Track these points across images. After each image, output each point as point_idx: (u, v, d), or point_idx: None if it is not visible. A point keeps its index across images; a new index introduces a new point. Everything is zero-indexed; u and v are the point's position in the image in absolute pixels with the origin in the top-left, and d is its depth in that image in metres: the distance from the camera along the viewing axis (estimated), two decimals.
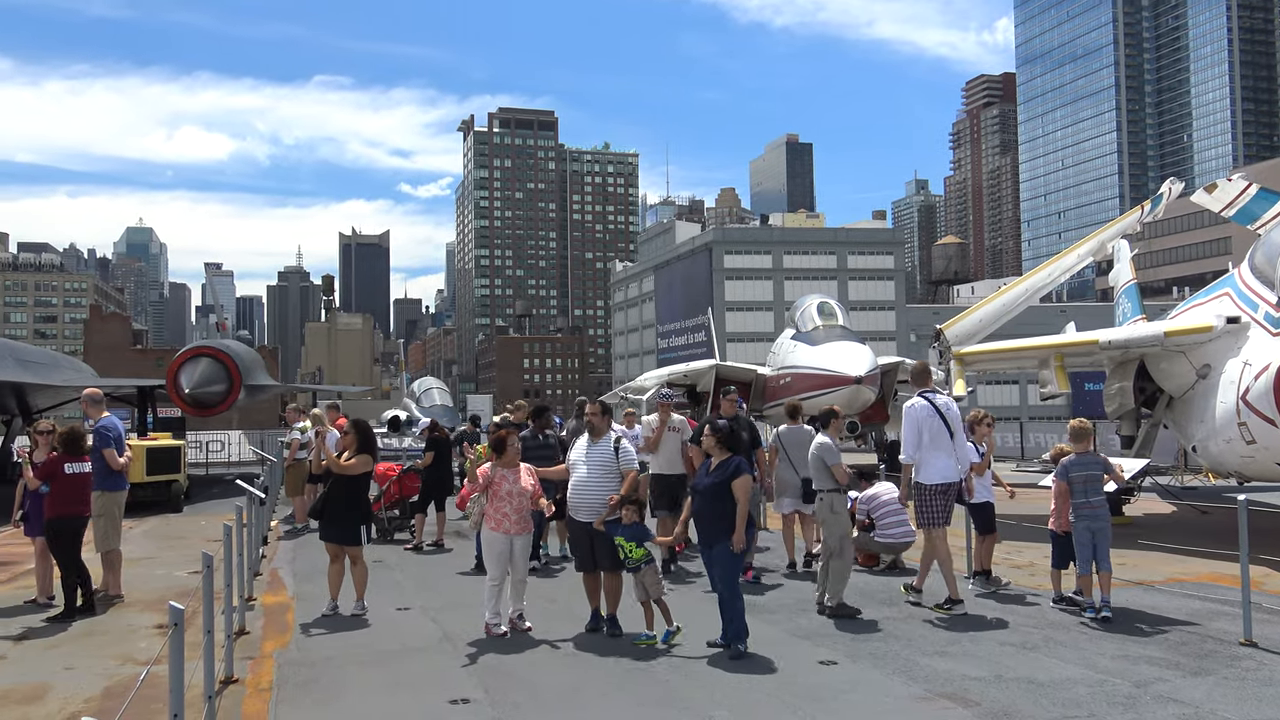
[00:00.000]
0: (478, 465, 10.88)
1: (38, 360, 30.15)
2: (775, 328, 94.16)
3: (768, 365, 24.66)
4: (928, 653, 8.16)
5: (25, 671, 8.05)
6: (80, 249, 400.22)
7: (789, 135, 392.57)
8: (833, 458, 9.82)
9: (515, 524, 8.94)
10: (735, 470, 8.21)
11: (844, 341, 20.17)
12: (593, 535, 8.75)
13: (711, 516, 8.23)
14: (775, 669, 7.75)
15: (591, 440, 9.15)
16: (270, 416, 59.78)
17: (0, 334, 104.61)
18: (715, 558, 8.24)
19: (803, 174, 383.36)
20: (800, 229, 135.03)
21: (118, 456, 11.07)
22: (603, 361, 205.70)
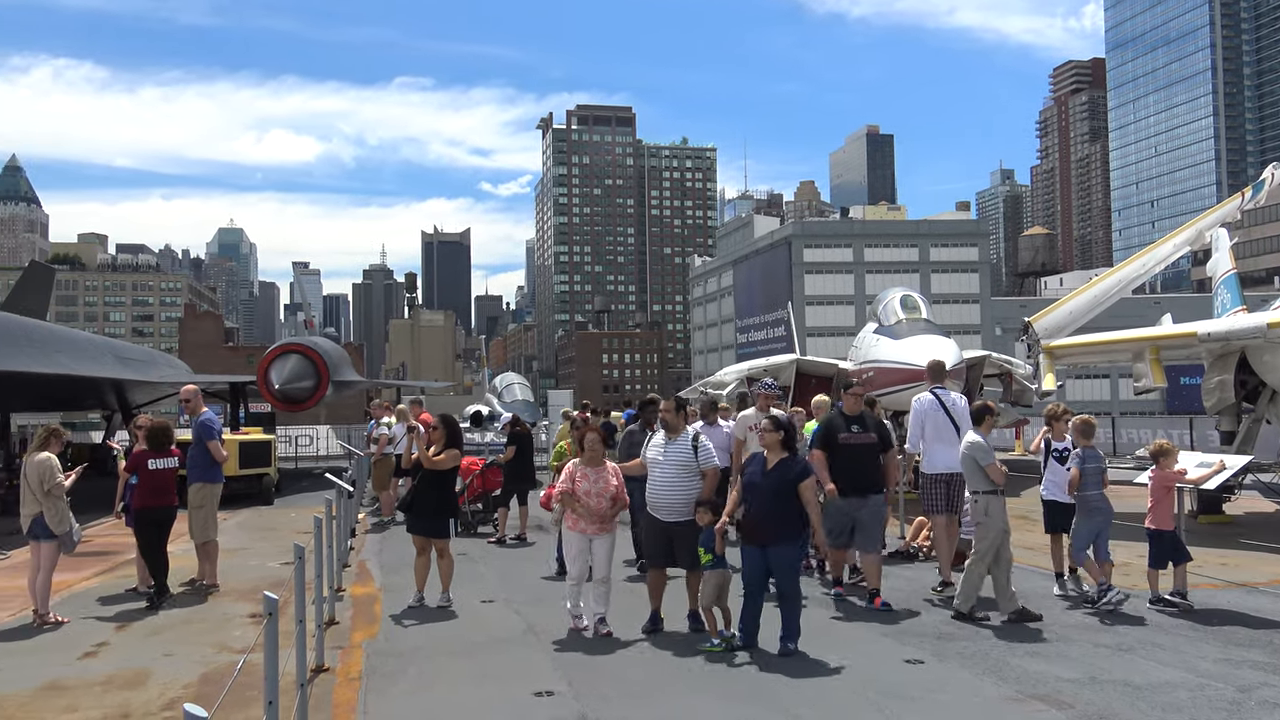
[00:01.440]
0: (563, 461, 10.75)
1: (136, 358, 31.25)
2: (856, 322, 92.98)
3: (849, 359, 24.33)
4: (1018, 653, 7.97)
5: (127, 658, 8.34)
6: (175, 250, 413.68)
7: (869, 127, 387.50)
8: (986, 457, 9.32)
9: (590, 524, 8.75)
10: (802, 472, 8.22)
11: (928, 335, 19.79)
12: (672, 534, 8.63)
13: (772, 517, 8.07)
14: (860, 667, 7.64)
15: (668, 438, 9.00)
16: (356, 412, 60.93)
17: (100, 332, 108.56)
18: (776, 558, 8.06)
19: (883, 166, 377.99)
20: (881, 221, 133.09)
21: (221, 449, 11.42)
22: (681, 356, 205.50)
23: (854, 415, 10.03)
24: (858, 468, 9.75)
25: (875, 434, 10.00)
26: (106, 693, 7.30)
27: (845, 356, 25.81)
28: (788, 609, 8.08)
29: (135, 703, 7.05)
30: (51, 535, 9.78)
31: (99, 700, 7.11)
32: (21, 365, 19.03)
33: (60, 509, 9.81)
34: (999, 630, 8.75)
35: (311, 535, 8.09)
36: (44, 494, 9.72)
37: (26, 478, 9.85)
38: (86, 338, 30.37)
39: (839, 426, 9.88)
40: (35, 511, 9.77)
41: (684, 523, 8.56)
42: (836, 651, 8.06)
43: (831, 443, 9.79)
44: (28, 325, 22.30)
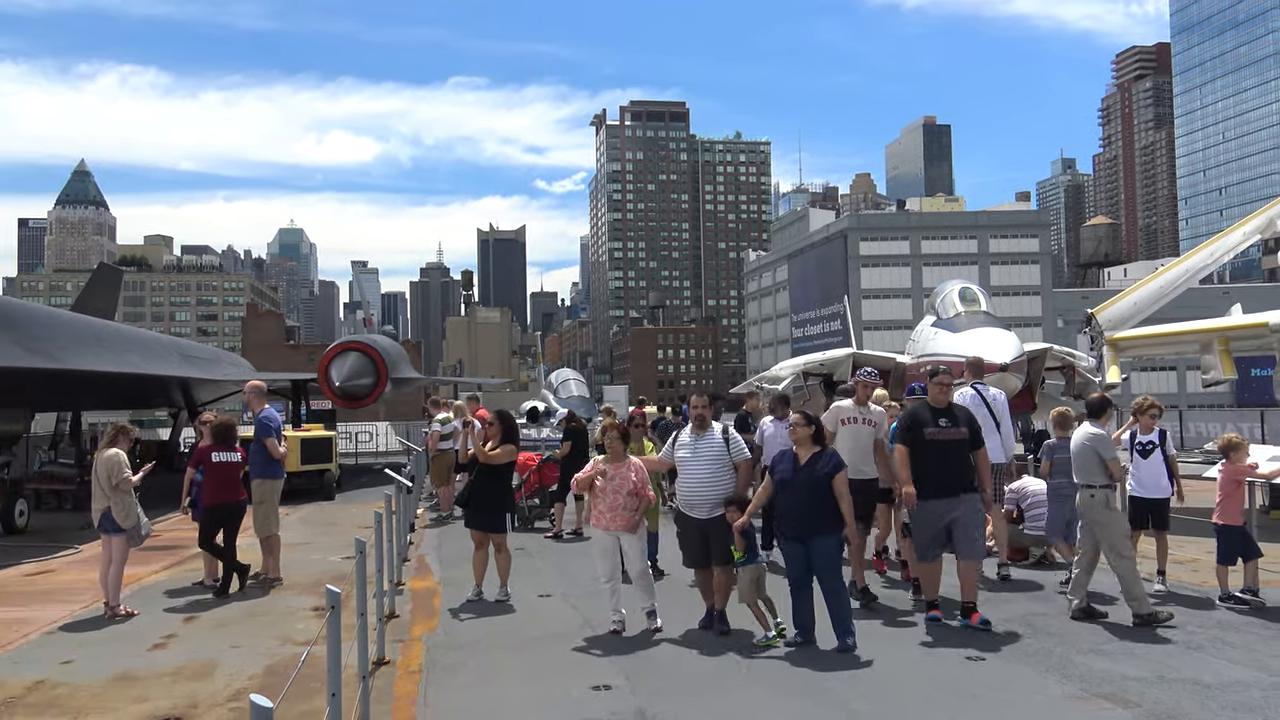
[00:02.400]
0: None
1: (201, 356, 31.93)
2: (914, 315, 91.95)
3: (907, 353, 24.06)
4: (1083, 650, 7.83)
5: (195, 649, 8.53)
6: (237, 250, 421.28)
7: (926, 118, 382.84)
8: (1109, 450, 9.00)
9: (611, 521, 8.61)
10: (836, 465, 8.18)
11: (988, 328, 19.50)
12: (707, 531, 8.51)
13: (808, 511, 8.05)
14: (919, 664, 7.57)
15: (698, 434, 8.79)
16: (414, 408, 61.69)
17: (167, 331, 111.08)
18: (816, 552, 8.02)
19: (941, 157, 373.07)
20: (939, 213, 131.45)
21: (278, 446, 11.63)
22: (736, 351, 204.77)
23: (942, 407, 9.04)
24: (946, 466, 8.79)
25: (966, 428, 9.00)
26: (175, 683, 7.48)
27: (903, 350, 25.53)
28: (835, 604, 8.05)
29: (203, 693, 7.21)
30: (120, 529, 10.04)
31: (168, 690, 7.28)
32: (94, 365, 19.54)
33: (128, 504, 10.07)
34: (1064, 627, 8.59)
35: (372, 530, 8.21)
36: (112, 489, 9.99)
37: (96, 473, 10.15)
38: (154, 337, 31.11)
39: (925, 420, 8.91)
40: (104, 506, 10.04)
41: (719, 519, 8.45)
42: (894, 647, 8.00)
43: (916, 438, 8.87)
44: (98, 326, 22.90)
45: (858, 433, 9.92)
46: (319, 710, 6.17)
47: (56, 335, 18.93)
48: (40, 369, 16.86)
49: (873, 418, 9.97)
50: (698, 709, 6.64)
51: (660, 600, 8.93)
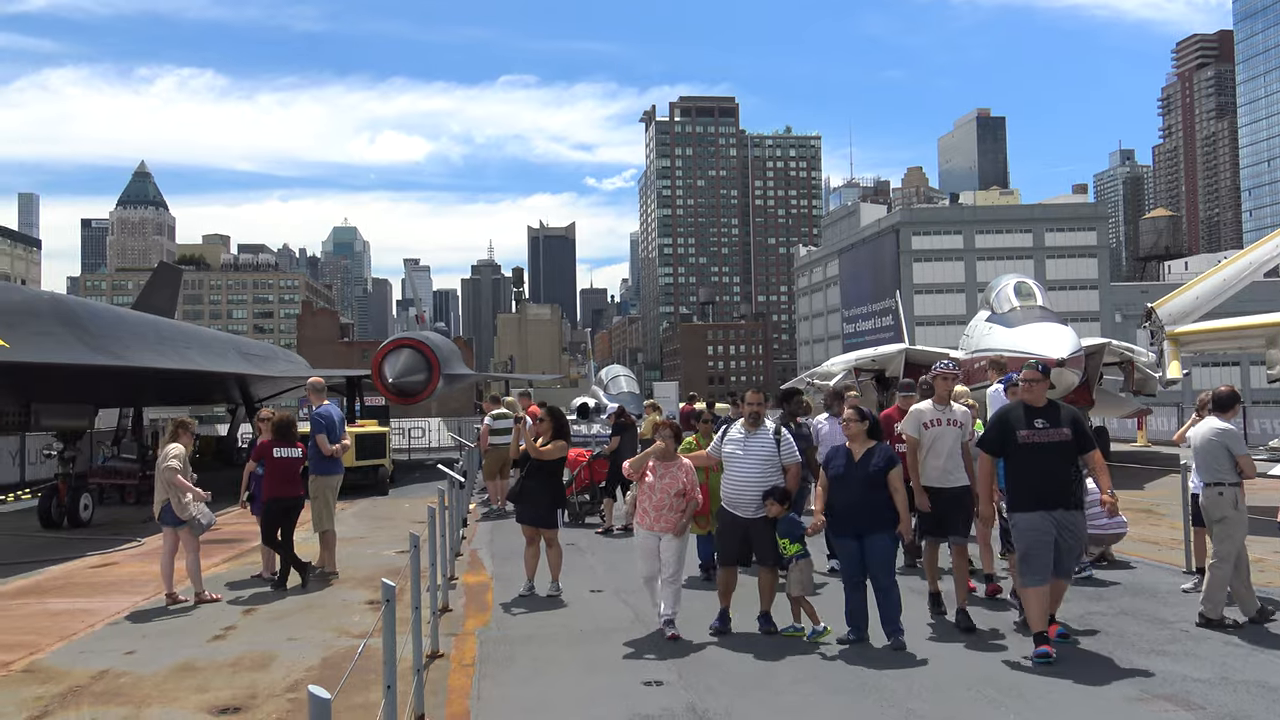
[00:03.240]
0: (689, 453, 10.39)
1: (258, 353, 32.44)
2: (967, 310, 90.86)
3: (961, 349, 23.78)
4: (1143, 651, 7.67)
5: (254, 641, 8.68)
6: (292, 249, 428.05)
7: (979, 110, 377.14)
8: (1240, 446, 8.51)
9: (655, 520, 8.40)
10: (890, 461, 8.08)
11: (1043, 323, 19.20)
12: (749, 530, 8.37)
13: (863, 508, 7.95)
14: (975, 663, 7.47)
15: (748, 431, 8.57)
16: (466, 404, 62.24)
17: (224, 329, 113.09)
18: (872, 548, 7.93)
19: (995, 150, 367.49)
20: (993, 207, 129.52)
21: (329, 443, 11.78)
22: (786, 347, 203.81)
23: (1039, 405, 7.79)
24: (1047, 474, 7.56)
25: (1069, 429, 7.69)
26: (235, 674, 7.62)
27: (956, 345, 25.24)
28: (887, 602, 7.95)
29: (261, 684, 7.34)
30: (180, 522, 10.31)
31: (228, 681, 7.42)
32: (155, 362, 19.94)
33: (182, 497, 10.34)
34: (1123, 627, 8.43)
35: (425, 524, 8.29)
36: (165, 483, 10.25)
37: (158, 467, 10.41)
38: (213, 335, 31.67)
39: (1018, 421, 7.73)
40: (165, 499, 10.32)
41: (765, 518, 8.34)
42: (948, 646, 7.90)
43: (1008, 442, 7.74)
44: (159, 324, 23.37)
45: (944, 436, 8.80)
46: (374, 702, 6.27)
47: (119, 333, 19.34)
48: (104, 366, 17.24)
49: (957, 417, 8.92)
50: (751, 705, 6.62)
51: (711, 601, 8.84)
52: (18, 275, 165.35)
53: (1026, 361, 8.54)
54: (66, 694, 7.17)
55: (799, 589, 8.25)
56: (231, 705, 6.83)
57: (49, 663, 8.04)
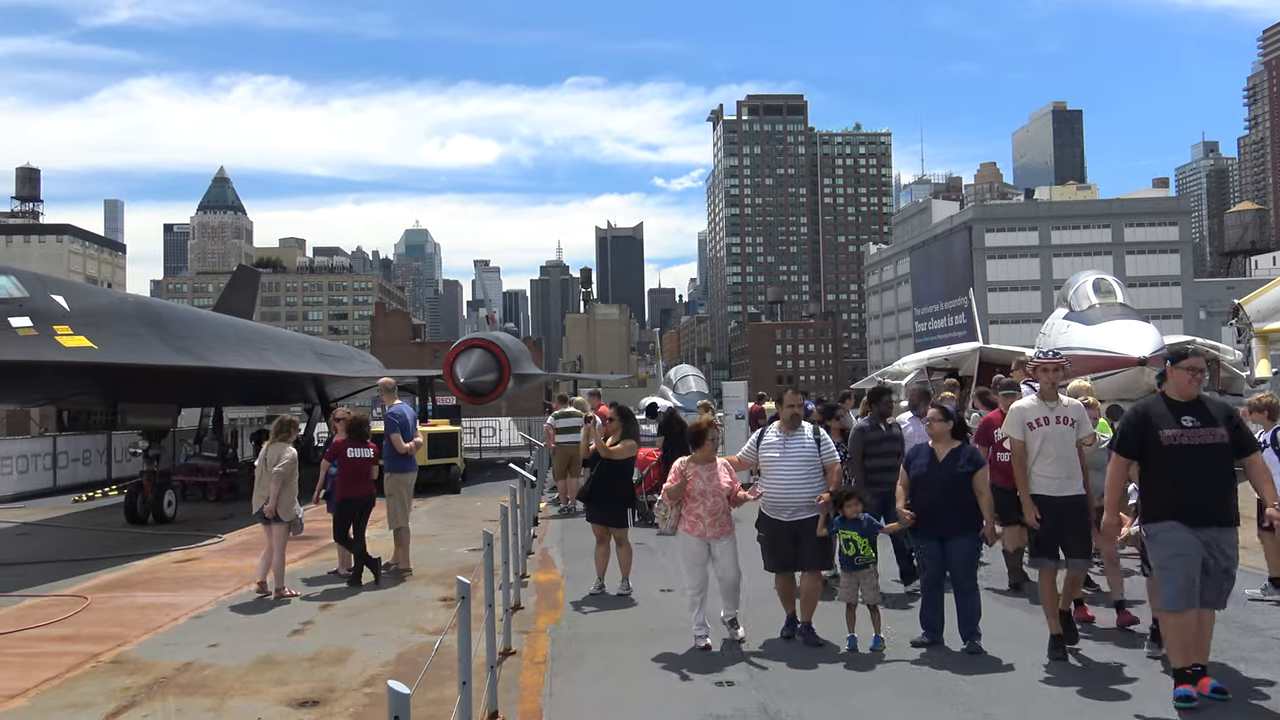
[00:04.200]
0: None
1: (333, 354, 33.08)
2: (1043, 308, 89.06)
3: (1037, 347, 23.31)
4: (1232, 657, 7.42)
5: (331, 636, 8.84)
6: (366, 251, 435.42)
7: (1055, 103, 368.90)
8: None
9: (710, 526, 8.12)
10: (975, 463, 7.92)
11: (1124, 320, 18.75)
12: (797, 534, 8.07)
13: (946, 509, 7.77)
14: (1060, 669, 7.27)
15: (786, 432, 8.29)
16: (535, 404, 62.70)
17: (300, 330, 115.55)
18: (954, 550, 7.76)
19: (1072, 143, 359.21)
20: (1070, 202, 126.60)
21: (403, 441, 11.95)
22: (856, 346, 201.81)
23: (1187, 400, 6.60)
24: (1197, 483, 6.37)
25: (1225, 428, 6.47)
26: (314, 668, 7.77)
27: (1032, 344, 24.76)
28: (967, 605, 7.78)
29: (339, 678, 7.47)
30: (281, 520, 10.67)
31: (307, 675, 7.57)
32: (235, 363, 20.43)
33: (289, 496, 10.70)
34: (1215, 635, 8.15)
35: (497, 523, 8.36)
36: (278, 482, 10.61)
37: (267, 465, 10.69)
38: (290, 335, 32.36)
39: (1162, 419, 6.53)
40: (264, 496, 10.69)
41: (811, 521, 8.07)
42: (1029, 650, 7.72)
43: (1148, 443, 6.51)
44: (239, 325, 23.95)
45: (1055, 437, 7.60)
46: (448, 698, 6.34)
47: (201, 334, 19.86)
48: (186, 367, 17.71)
49: (1069, 414, 7.67)
50: (823, 708, 6.55)
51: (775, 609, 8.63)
52: (104, 279, 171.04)
53: (1184, 349, 6.96)
54: (153, 685, 7.38)
55: (875, 596, 8.03)
56: (310, 699, 6.97)
57: (136, 654, 8.29)
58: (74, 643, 8.71)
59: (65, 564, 13.00)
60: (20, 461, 22.67)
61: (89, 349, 14.53)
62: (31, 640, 8.89)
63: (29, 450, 23.39)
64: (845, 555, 8.06)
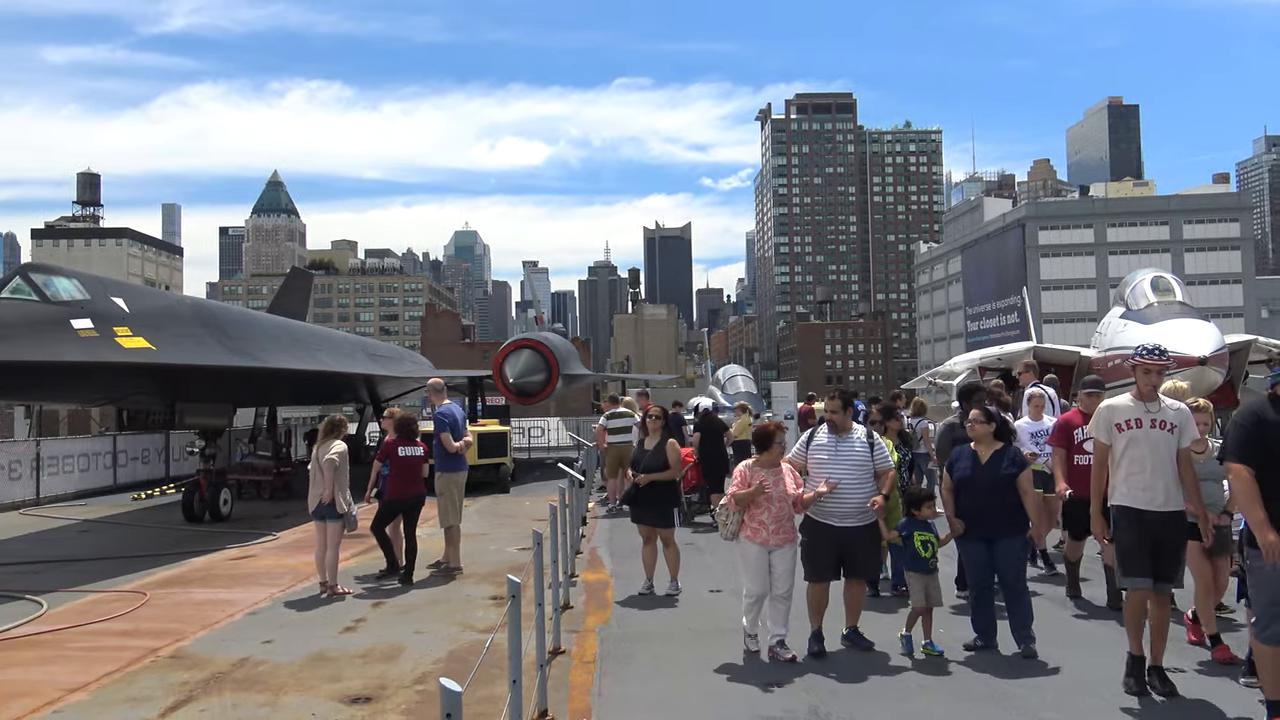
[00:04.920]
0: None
1: (384, 354, 33.47)
2: (1098, 307, 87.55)
3: (1093, 346, 22.90)
4: None
5: (383, 633, 8.93)
6: (416, 253, 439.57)
7: (1110, 98, 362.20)
8: None
9: (774, 534, 7.76)
10: (1020, 464, 7.82)
11: (1183, 318, 18.33)
12: (843, 541, 7.78)
13: (991, 511, 7.66)
14: (1107, 673, 7.08)
15: (837, 436, 8.02)
16: (584, 404, 62.98)
17: (352, 331, 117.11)
18: (1002, 553, 7.66)
19: (1128, 139, 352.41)
20: (1126, 199, 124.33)
21: (454, 441, 12.04)
22: (907, 346, 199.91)
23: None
24: None
25: None
26: (366, 665, 7.85)
27: (1088, 344, 24.34)
28: (1017, 607, 7.64)
29: (391, 675, 7.54)
30: (337, 516, 10.81)
31: (359, 671, 7.65)
32: (289, 363, 20.74)
33: (341, 492, 10.86)
34: None
35: (546, 522, 8.38)
36: (333, 479, 10.78)
37: (319, 464, 10.85)
38: (342, 336, 32.80)
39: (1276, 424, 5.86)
40: (320, 494, 10.85)
41: (862, 528, 7.82)
42: (1084, 653, 7.59)
43: (1270, 450, 5.82)
44: (292, 326, 24.32)
45: (1149, 442, 6.74)
46: (498, 695, 6.37)
47: (255, 336, 20.18)
48: (242, 367, 18.00)
49: (1168, 417, 6.81)
50: (874, 710, 6.49)
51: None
52: (162, 281, 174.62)
53: None
54: (210, 680, 7.50)
55: (939, 599, 7.89)
56: (363, 695, 7.04)
57: (193, 649, 8.43)
58: (133, 638, 8.89)
59: (125, 560, 13.26)
60: (81, 460, 23.20)
61: (147, 350, 14.82)
62: (93, 635, 9.09)
63: (90, 449, 23.92)
64: (921, 558, 7.91)
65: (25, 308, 13.36)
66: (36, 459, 21.32)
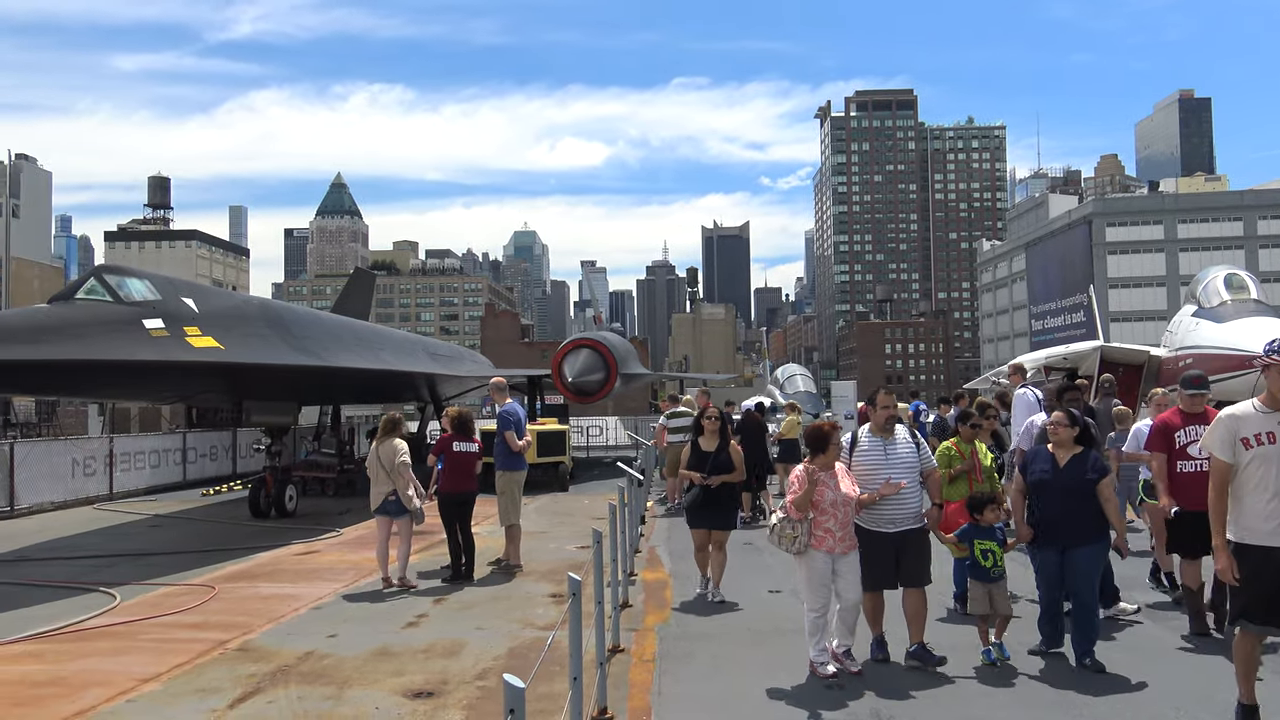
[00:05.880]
0: (952, 462, 8.88)
1: (445, 353, 33.79)
2: (1168, 305, 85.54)
3: (1164, 345, 22.37)
4: None
5: (444, 629, 9.02)
6: (476, 253, 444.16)
7: (1181, 91, 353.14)
8: None
9: (840, 540, 7.27)
10: (1102, 470, 7.42)
11: (1258, 317, 17.82)
12: (899, 548, 7.43)
13: (1069, 517, 7.29)
14: (1180, 683, 6.94)
15: (883, 436, 7.66)
16: (642, 403, 62.95)
17: (413, 330, 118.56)
18: (1075, 561, 7.28)
19: (1200, 133, 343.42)
20: (1197, 194, 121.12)
21: (517, 439, 12.12)
22: (969, 345, 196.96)
23: None
24: None
25: None
26: (428, 660, 7.94)
27: (1157, 343, 23.78)
28: (1084, 617, 7.32)
29: (452, 670, 7.61)
30: (404, 511, 11.03)
31: (422, 666, 7.74)
32: (353, 362, 21.05)
33: (407, 490, 11.04)
34: None
35: (605, 521, 8.40)
36: (395, 474, 10.97)
37: (380, 461, 11.03)
38: (404, 336, 33.20)
39: None
40: (386, 490, 11.02)
41: (916, 531, 7.49)
42: (1148, 664, 7.39)
43: None
44: (355, 326, 24.68)
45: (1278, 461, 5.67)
46: (557, 693, 6.40)
47: (319, 335, 20.51)
48: (307, 366, 18.30)
49: None
50: (938, 713, 6.40)
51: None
52: (229, 282, 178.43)
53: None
54: (276, 673, 7.64)
55: (1006, 606, 7.66)
56: (425, 690, 7.12)
57: (260, 643, 8.60)
58: (203, 630, 9.09)
59: (194, 555, 13.57)
60: (152, 456, 23.78)
61: (216, 349, 15.14)
62: (164, 627, 9.31)
63: (160, 446, 24.51)
64: (982, 567, 7.63)
65: (100, 308, 13.74)
66: (110, 455, 21.89)
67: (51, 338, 12.61)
